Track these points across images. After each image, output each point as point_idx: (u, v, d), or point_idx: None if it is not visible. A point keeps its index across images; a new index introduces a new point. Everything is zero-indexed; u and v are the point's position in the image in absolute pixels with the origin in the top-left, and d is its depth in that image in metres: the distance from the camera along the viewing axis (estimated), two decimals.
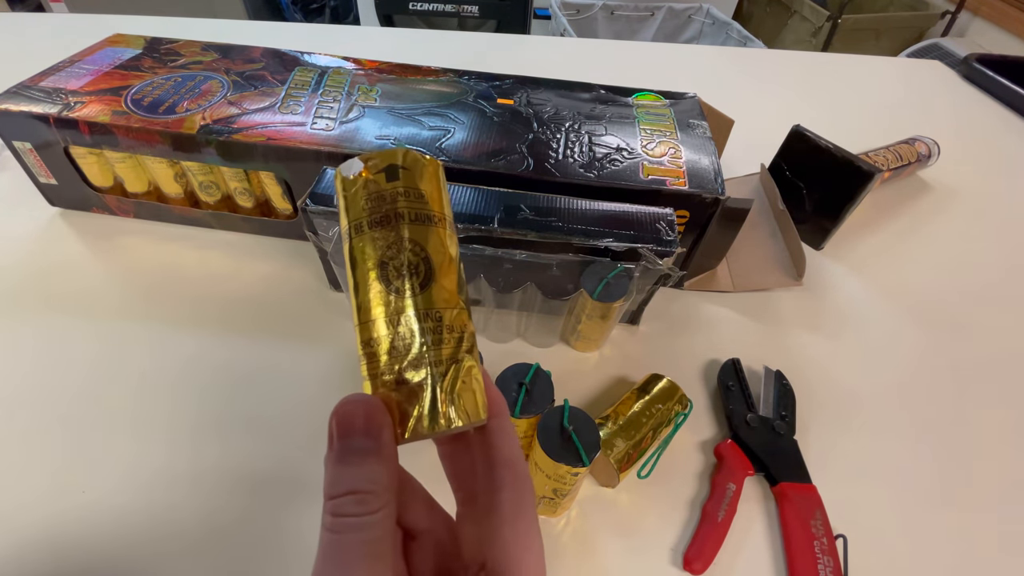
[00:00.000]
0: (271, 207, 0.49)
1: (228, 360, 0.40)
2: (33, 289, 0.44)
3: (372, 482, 0.16)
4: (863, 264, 0.53)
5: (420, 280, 0.17)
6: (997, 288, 0.52)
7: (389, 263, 0.17)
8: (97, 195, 0.49)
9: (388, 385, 0.17)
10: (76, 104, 0.43)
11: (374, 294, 0.17)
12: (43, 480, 0.34)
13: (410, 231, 0.18)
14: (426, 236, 0.18)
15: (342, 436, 0.16)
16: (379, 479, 0.16)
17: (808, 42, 1.87)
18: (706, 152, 0.43)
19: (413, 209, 0.18)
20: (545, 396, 0.30)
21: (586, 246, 0.36)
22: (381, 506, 0.16)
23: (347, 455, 0.16)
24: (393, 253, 0.18)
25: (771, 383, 0.40)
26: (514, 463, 0.18)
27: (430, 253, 0.18)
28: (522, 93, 0.49)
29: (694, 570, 0.31)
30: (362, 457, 0.16)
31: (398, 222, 0.18)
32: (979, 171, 0.67)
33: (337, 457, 0.16)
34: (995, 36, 1.75)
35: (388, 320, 0.17)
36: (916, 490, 0.37)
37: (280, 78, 0.48)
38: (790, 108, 0.76)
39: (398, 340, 0.17)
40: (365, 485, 0.16)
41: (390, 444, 0.16)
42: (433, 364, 0.17)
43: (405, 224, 0.18)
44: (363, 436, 0.16)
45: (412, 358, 0.17)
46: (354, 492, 0.16)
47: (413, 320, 0.17)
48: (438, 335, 0.17)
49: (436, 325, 0.17)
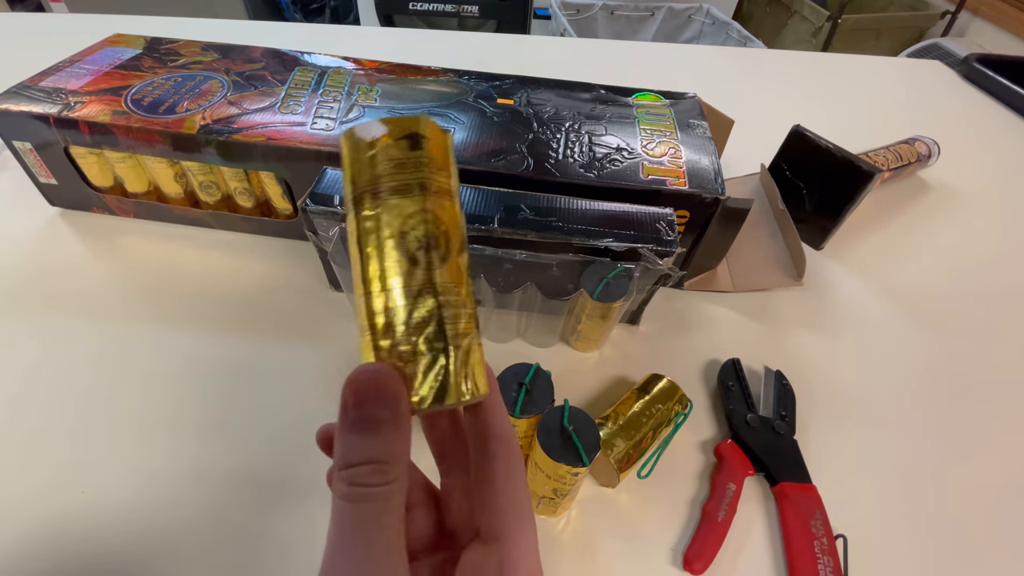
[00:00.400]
0: (271, 207, 0.49)
1: (228, 359, 0.40)
2: (33, 289, 0.44)
3: (389, 452, 0.16)
4: (863, 264, 0.53)
5: (440, 254, 0.17)
6: (997, 288, 0.52)
7: (410, 233, 0.17)
8: (97, 195, 0.49)
9: (404, 356, 0.17)
10: (76, 104, 0.43)
11: (391, 263, 0.17)
12: (43, 479, 0.34)
13: (432, 203, 0.17)
14: (446, 210, 0.18)
15: (358, 404, 0.16)
16: (395, 449, 0.16)
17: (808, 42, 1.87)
18: (706, 152, 0.43)
19: (435, 181, 0.18)
20: (545, 396, 0.30)
21: (586, 246, 0.36)
22: (396, 477, 0.16)
23: (363, 424, 0.16)
24: (415, 224, 0.17)
25: (771, 383, 0.40)
26: (507, 437, 0.19)
27: (448, 227, 0.18)
28: (522, 93, 0.49)
29: (694, 570, 0.31)
30: (378, 427, 0.16)
31: (422, 192, 0.17)
32: (979, 171, 0.67)
33: (352, 425, 0.16)
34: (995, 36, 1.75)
35: (405, 290, 0.17)
36: (916, 490, 0.37)
37: (280, 78, 0.48)
38: (790, 108, 0.76)
39: (417, 312, 0.17)
40: (382, 455, 0.16)
41: (406, 414, 0.16)
42: (450, 338, 0.17)
43: (429, 195, 0.17)
44: (380, 405, 0.16)
45: (431, 331, 0.17)
46: (372, 462, 0.15)
47: (432, 293, 0.17)
48: (455, 309, 0.17)
49: (454, 299, 0.17)
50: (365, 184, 0.17)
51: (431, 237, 0.17)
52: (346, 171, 0.18)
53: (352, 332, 0.43)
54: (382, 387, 0.16)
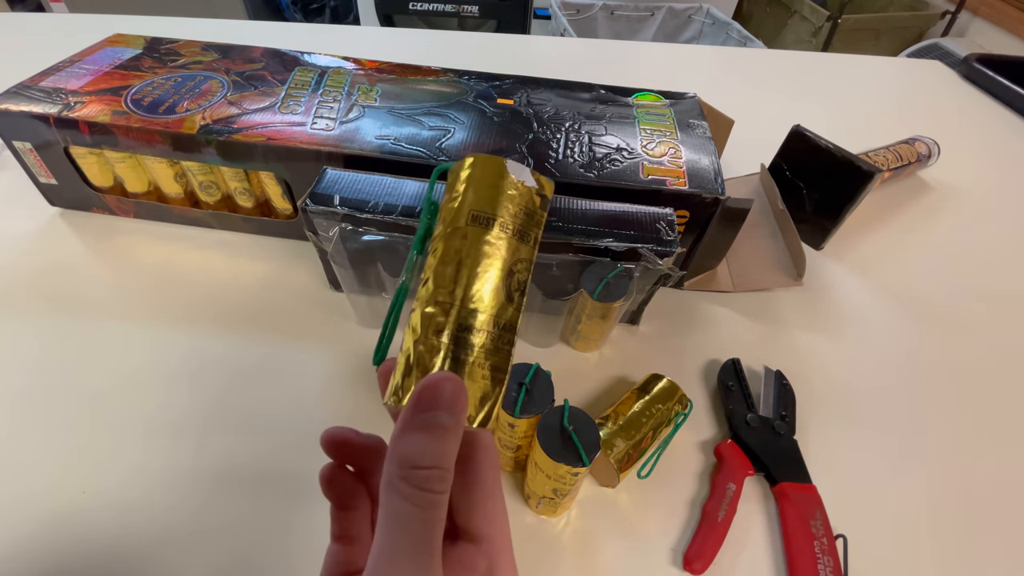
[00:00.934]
0: (271, 207, 0.49)
1: (227, 359, 0.40)
2: (33, 289, 0.44)
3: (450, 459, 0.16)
4: (863, 264, 0.53)
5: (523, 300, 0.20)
6: (997, 288, 0.52)
7: (516, 275, 0.20)
8: (97, 195, 0.49)
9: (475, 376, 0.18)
10: (76, 104, 0.43)
11: (492, 291, 0.19)
12: (42, 478, 0.34)
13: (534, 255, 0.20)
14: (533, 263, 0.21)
15: (429, 407, 0.16)
16: (453, 459, 0.16)
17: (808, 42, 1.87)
18: (706, 152, 0.43)
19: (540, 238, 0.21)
20: (545, 396, 0.30)
21: (586, 246, 0.36)
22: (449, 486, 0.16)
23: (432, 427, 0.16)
24: (522, 268, 0.20)
25: (771, 383, 0.40)
26: (492, 447, 0.20)
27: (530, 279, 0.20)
28: (522, 93, 0.49)
29: (694, 570, 0.31)
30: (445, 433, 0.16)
31: (534, 245, 0.20)
32: (979, 171, 0.67)
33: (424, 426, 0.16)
34: (995, 36, 1.75)
35: (496, 319, 0.19)
36: (916, 490, 0.37)
37: (280, 78, 0.48)
38: (790, 108, 0.76)
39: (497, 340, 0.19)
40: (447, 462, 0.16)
41: (463, 425, 0.17)
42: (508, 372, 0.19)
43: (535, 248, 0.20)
44: (449, 413, 0.16)
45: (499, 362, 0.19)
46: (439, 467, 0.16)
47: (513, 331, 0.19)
48: (512, 346, 0.19)
49: (514, 338, 0.20)
50: (497, 212, 0.20)
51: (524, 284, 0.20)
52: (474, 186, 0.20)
53: (352, 332, 0.43)
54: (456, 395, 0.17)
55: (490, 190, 0.20)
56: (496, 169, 0.20)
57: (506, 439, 0.32)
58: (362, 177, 0.39)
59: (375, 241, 0.37)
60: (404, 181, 0.39)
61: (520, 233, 0.20)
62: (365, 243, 0.37)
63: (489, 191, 0.20)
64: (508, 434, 0.31)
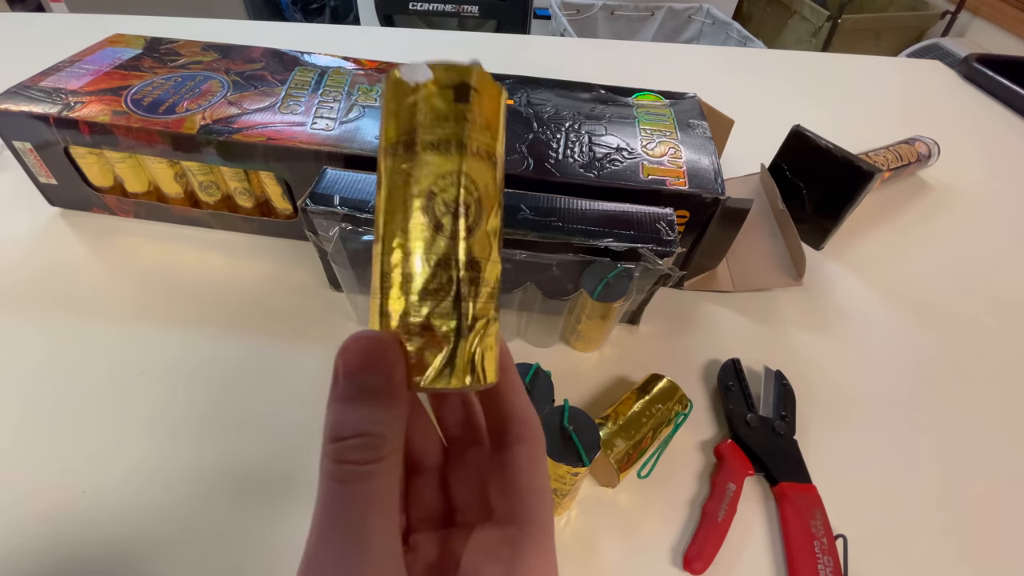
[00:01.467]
0: (271, 207, 0.49)
1: (227, 359, 0.40)
2: (33, 289, 0.44)
3: (381, 424, 0.14)
4: (863, 264, 0.53)
5: (468, 223, 0.16)
6: (997, 288, 0.52)
7: (439, 195, 0.15)
8: (97, 195, 0.49)
9: (411, 328, 0.15)
10: (76, 104, 0.43)
11: (414, 225, 0.15)
12: (42, 478, 0.34)
13: (469, 165, 0.16)
14: (483, 175, 0.16)
15: (349, 373, 0.14)
16: (389, 421, 0.14)
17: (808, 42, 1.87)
18: (706, 152, 0.43)
19: (476, 141, 0.16)
20: (545, 396, 0.30)
21: (586, 246, 0.36)
22: (390, 452, 0.14)
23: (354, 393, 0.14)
24: (445, 185, 0.16)
25: (771, 383, 0.40)
26: (530, 419, 0.18)
27: (482, 195, 0.16)
28: (522, 93, 0.49)
29: (694, 570, 0.31)
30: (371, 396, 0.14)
31: (459, 152, 0.16)
32: (979, 171, 0.67)
33: (343, 395, 0.14)
34: (995, 36, 1.75)
35: (425, 258, 0.15)
36: (916, 490, 0.37)
37: (280, 78, 0.48)
38: (790, 108, 0.76)
39: (433, 282, 0.15)
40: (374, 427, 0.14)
41: (401, 386, 0.15)
42: (464, 317, 0.16)
43: (466, 156, 0.16)
44: (373, 373, 0.15)
45: (445, 306, 0.15)
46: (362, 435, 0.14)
47: (454, 265, 0.16)
48: (475, 287, 0.16)
49: (475, 276, 0.16)
50: (402, 132, 0.16)
51: (461, 203, 0.16)
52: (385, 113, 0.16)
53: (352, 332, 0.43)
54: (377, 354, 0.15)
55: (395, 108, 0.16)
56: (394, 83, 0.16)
57: None
58: (362, 177, 0.39)
59: None
60: None
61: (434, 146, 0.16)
62: (365, 243, 0.37)
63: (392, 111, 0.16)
64: None
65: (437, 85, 0.16)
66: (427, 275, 0.15)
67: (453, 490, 0.19)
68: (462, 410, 0.20)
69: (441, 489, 0.19)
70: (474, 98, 0.16)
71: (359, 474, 0.14)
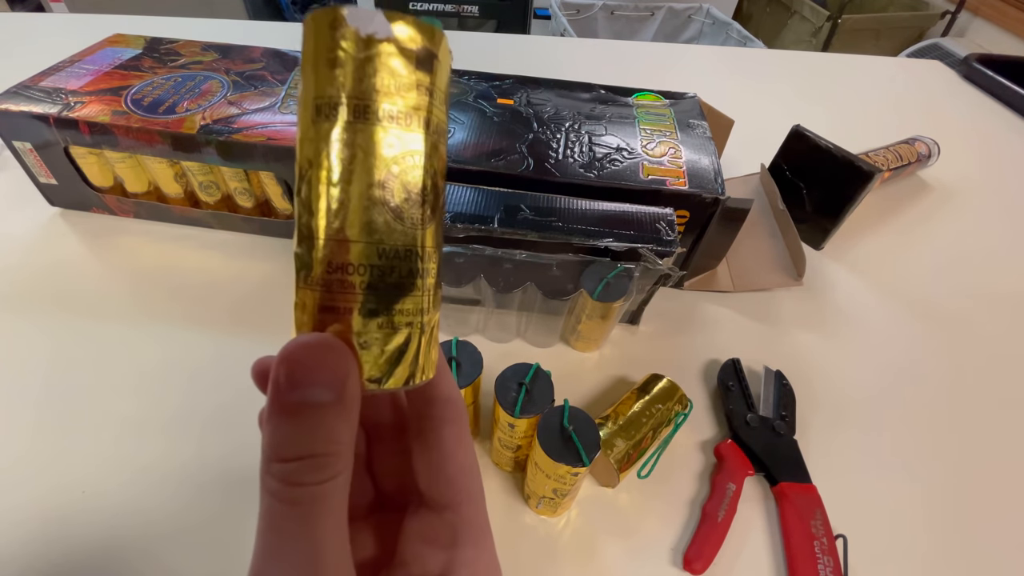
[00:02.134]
0: (271, 207, 0.49)
1: (227, 359, 0.40)
2: (33, 289, 0.44)
3: (332, 442, 0.13)
4: (863, 264, 0.53)
5: (427, 212, 0.14)
6: (997, 288, 0.52)
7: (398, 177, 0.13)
8: (97, 195, 0.49)
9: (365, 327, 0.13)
10: (76, 104, 0.43)
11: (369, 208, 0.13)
12: (41, 477, 0.34)
13: (430, 144, 0.14)
14: (440, 155, 0.14)
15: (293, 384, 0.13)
16: (340, 437, 0.13)
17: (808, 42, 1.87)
18: (706, 152, 0.43)
19: (437, 118, 0.14)
20: (545, 396, 0.30)
21: (586, 246, 0.36)
22: (344, 467, 0.13)
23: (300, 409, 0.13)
24: (409, 168, 0.13)
25: (771, 383, 0.40)
26: (455, 399, 0.17)
27: (439, 180, 0.14)
28: (522, 93, 0.49)
29: (694, 570, 0.31)
30: (319, 413, 0.13)
31: (424, 128, 0.14)
32: (979, 171, 0.67)
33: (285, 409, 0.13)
34: (995, 36, 1.75)
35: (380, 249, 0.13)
36: (916, 490, 0.37)
37: (280, 78, 0.48)
38: (790, 108, 0.76)
39: (392, 276, 0.13)
40: (326, 447, 0.13)
41: (356, 395, 0.13)
42: (424, 312, 0.14)
43: (430, 135, 0.14)
44: (324, 386, 0.13)
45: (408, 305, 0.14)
46: (311, 455, 0.13)
47: (414, 257, 0.14)
48: (433, 279, 0.14)
49: (433, 268, 0.14)
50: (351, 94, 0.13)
51: (424, 190, 0.14)
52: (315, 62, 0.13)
53: None
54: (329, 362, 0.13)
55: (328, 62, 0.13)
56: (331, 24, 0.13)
57: (506, 439, 0.32)
58: None
59: None
60: None
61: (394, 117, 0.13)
62: None
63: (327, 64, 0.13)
64: (508, 434, 0.31)
65: (397, 46, 0.13)
66: (385, 268, 0.13)
67: (378, 477, 0.19)
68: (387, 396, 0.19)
69: (366, 477, 0.19)
70: (436, 67, 0.14)
71: (312, 496, 0.13)
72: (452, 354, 0.31)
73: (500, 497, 0.34)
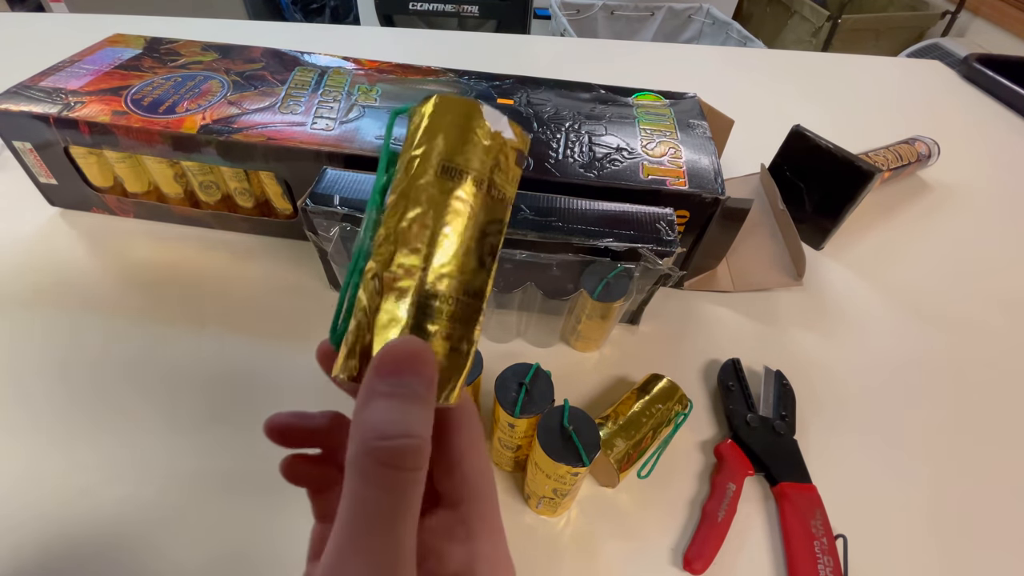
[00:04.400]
0: (271, 207, 0.49)
1: (227, 360, 0.40)
2: (32, 289, 0.44)
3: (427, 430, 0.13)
4: (863, 264, 0.53)
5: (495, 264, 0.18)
6: (997, 288, 0.52)
7: (488, 238, 0.17)
8: (97, 195, 0.49)
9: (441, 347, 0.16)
10: (76, 104, 0.43)
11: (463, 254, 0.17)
12: (42, 476, 0.34)
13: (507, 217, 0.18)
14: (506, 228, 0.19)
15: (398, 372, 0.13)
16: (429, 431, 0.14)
17: (808, 42, 1.87)
18: (706, 152, 0.43)
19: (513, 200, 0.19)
20: (545, 396, 0.30)
21: (586, 246, 0.36)
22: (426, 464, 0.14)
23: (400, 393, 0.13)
24: (494, 231, 0.18)
25: (771, 383, 0.40)
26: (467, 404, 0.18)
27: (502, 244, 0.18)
28: (522, 93, 0.49)
29: (694, 570, 0.31)
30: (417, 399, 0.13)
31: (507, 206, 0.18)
32: (979, 171, 0.67)
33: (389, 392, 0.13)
34: (995, 36, 1.75)
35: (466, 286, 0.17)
36: (916, 490, 0.37)
37: (280, 78, 0.48)
38: (790, 108, 0.76)
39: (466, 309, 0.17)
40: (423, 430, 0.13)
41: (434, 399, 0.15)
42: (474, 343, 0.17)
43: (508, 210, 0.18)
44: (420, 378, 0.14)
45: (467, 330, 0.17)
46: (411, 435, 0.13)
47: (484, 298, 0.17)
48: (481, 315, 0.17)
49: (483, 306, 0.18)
50: (469, 164, 0.17)
51: (497, 249, 0.18)
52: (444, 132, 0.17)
53: None
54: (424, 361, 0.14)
55: (462, 138, 0.17)
56: (468, 113, 0.17)
57: (506, 439, 0.32)
58: (362, 177, 0.39)
59: None
60: None
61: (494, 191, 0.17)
62: None
63: (461, 139, 0.17)
64: (508, 434, 0.31)
65: (510, 146, 0.18)
66: (466, 305, 0.17)
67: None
68: None
69: None
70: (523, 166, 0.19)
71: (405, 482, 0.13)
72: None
73: (500, 497, 0.34)
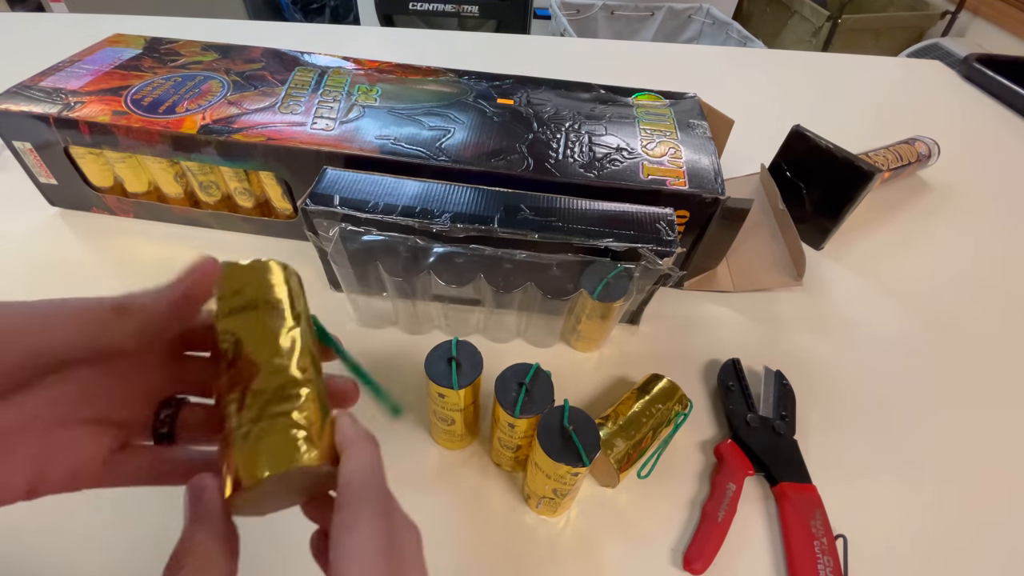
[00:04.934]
0: (271, 207, 0.49)
1: None
2: (32, 289, 0.44)
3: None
4: (863, 264, 0.53)
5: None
6: (997, 288, 0.52)
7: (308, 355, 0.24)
8: (97, 195, 0.49)
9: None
10: (76, 104, 0.43)
11: (306, 375, 0.23)
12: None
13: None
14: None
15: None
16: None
17: (808, 42, 1.87)
18: (706, 152, 0.43)
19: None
20: (545, 396, 0.30)
21: (586, 246, 0.36)
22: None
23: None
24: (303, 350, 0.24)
25: (771, 383, 0.40)
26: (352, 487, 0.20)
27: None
28: (522, 93, 0.49)
29: (694, 570, 0.31)
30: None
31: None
32: (979, 171, 0.67)
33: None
34: (995, 36, 1.75)
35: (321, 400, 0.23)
36: (916, 490, 0.37)
37: (280, 78, 0.48)
38: (790, 108, 0.76)
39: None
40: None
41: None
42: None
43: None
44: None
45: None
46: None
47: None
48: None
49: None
50: (303, 309, 0.26)
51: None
52: (291, 295, 0.26)
53: (352, 332, 0.43)
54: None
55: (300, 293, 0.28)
56: (281, 273, 0.26)
57: (506, 439, 0.32)
58: (362, 177, 0.39)
59: (375, 241, 0.37)
60: (404, 181, 0.39)
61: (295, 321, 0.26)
62: (365, 243, 0.37)
63: (299, 295, 0.27)
64: (508, 434, 0.31)
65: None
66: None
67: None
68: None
69: None
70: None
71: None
72: (452, 354, 0.31)
73: (500, 497, 0.34)
